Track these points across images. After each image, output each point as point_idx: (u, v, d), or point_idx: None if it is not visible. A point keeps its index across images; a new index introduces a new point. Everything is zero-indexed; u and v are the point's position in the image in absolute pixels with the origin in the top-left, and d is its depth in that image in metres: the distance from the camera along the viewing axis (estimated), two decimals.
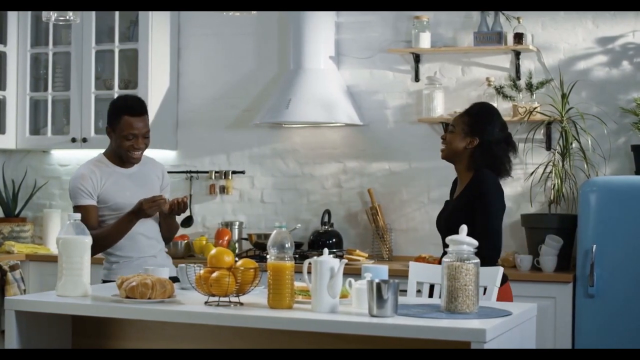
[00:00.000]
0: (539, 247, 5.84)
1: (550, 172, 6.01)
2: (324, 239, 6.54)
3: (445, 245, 4.75)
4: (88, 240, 4.00)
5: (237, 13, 4.48)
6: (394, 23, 6.60)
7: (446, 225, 4.68)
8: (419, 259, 5.81)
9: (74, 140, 6.98)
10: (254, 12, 4.55)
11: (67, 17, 4.52)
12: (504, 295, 4.49)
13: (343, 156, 6.73)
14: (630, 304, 5.42)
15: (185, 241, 6.63)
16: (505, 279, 4.58)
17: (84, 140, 6.94)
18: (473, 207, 4.56)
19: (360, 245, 6.60)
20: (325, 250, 3.76)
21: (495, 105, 6.10)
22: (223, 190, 6.96)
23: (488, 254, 4.34)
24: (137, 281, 3.83)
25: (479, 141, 4.64)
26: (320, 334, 3.63)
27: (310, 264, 3.70)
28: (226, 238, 6.63)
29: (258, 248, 6.54)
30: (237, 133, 6.96)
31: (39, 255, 6.79)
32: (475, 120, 4.69)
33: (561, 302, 5.62)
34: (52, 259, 6.62)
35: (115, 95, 6.90)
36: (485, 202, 4.54)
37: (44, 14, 4.56)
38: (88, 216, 4.87)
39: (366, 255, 6.33)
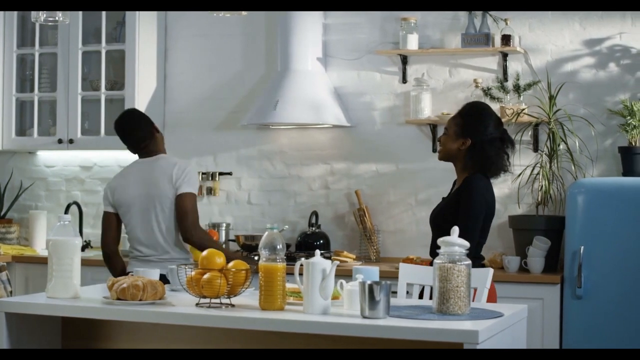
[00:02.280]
0: (527, 248, 5.86)
1: (538, 173, 6.02)
2: (311, 241, 6.53)
3: (435, 242, 4.80)
4: (78, 241, 3.99)
5: (228, 14, 4.48)
6: (381, 24, 6.60)
7: (434, 221, 4.80)
8: (407, 261, 5.80)
9: (60, 141, 6.96)
10: (244, 13, 4.53)
11: (56, 18, 4.50)
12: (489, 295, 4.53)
13: (330, 157, 6.73)
14: (618, 305, 5.44)
15: None
16: None
17: (71, 141, 6.93)
18: (458, 207, 4.65)
19: (347, 247, 6.60)
20: (317, 252, 3.76)
21: None
22: (210, 191, 6.95)
23: None
24: (128, 283, 3.82)
25: (472, 142, 4.70)
26: (313, 336, 3.63)
27: (302, 265, 3.70)
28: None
29: (245, 249, 6.53)
30: (224, 134, 6.94)
31: (25, 257, 6.75)
32: (467, 121, 4.74)
33: (549, 303, 5.63)
34: (38, 260, 6.62)
35: (102, 97, 6.90)
36: (469, 205, 4.62)
37: (33, 14, 4.53)
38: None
39: (354, 256, 6.34)
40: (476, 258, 4.61)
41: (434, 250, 4.65)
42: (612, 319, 5.44)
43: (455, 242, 3.69)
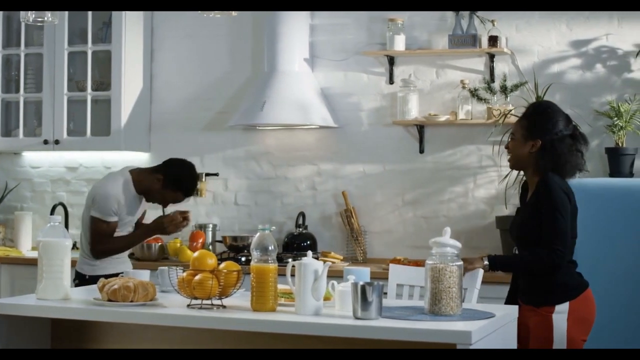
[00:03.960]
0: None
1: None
2: (298, 242, 6.54)
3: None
4: (68, 243, 3.98)
5: (218, 14, 4.47)
6: (368, 25, 6.61)
7: (517, 233, 4.56)
8: (394, 261, 5.80)
9: (46, 142, 6.93)
10: (234, 13, 4.52)
11: (45, 18, 4.48)
12: (584, 308, 4.47)
13: (317, 158, 6.72)
14: (605, 305, 5.42)
15: (159, 244, 6.59)
16: (583, 287, 4.50)
17: (57, 142, 6.90)
18: (541, 212, 4.37)
19: (334, 248, 6.59)
20: (309, 253, 3.76)
21: (469, 108, 6.17)
22: (196, 192, 6.92)
23: (554, 259, 4.32)
24: (119, 284, 3.80)
25: (542, 142, 4.42)
26: (305, 337, 3.62)
27: (294, 266, 3.70)
28: (200, 240, 6.58)
29: (232, 250, 6.52)
30: (211, 135, 6.93)
31: (11, 258, 6.72)
32: (533, 121, 4.45)
33: None
34: (23, 262, 6.60)
35: (88, 98, 6.87)
36: (550, 206, 4.34)
37: (22, 14, 4.51)
38: (111, 231, 5.35)
39: (341, 257, 6.34)
40: (572, 264, 4.48)
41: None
42: (600, 319, 5.43)
43: (447, 243, 3.70)
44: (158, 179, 5.39)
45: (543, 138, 4.40)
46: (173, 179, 5.41)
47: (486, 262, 4.36)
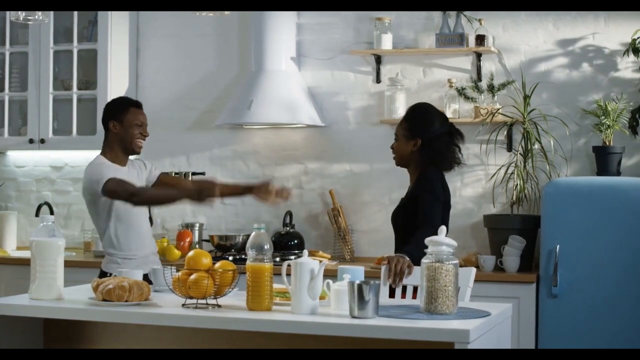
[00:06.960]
0: (502, 247, 5.87)
1: (512, 173, 6.05)
2: (285, 241, 6.52)
3: (397, 241, 5.02)
4: (62, 242, 3.96)
5: (211, 13, 4.46)
6: (355, 24, 6.61)
7: (395, 221, 5.06)
8: (380, 260, 5.78)
9: (31, 141, 6.89)
10: (226, 13, 4.51)
11: (36, 17, 4.47)
12: None
13: (304, 157, 6.72)
14: (594, 304, 5.48)
15: None
16: None
17: (42, 141, 6.87)
18: (417, 200, 4.82)
19: (321, 247, 6.60)
20: (305, 252, 3.76)
21: (456, 107, 6.18)
22: None
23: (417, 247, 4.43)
24: (114, 284, 3.79)
25: (421, 141, 4.93)
26: (301, 336, 3.62)
27: (289, 265, 3.70)
28: (187, 240, 6.58)
29: (220, 250, 6.50)
30: (197, 134, 6.92)
31: None
32: (413, 123, 4.97)
33: (525, 302, 5.65)
34: (9, 262, 6.56)
35: (74, 97, 6.84)
36: (427, 192, 4.81)
37: (12, 13, 4.50)
38: (120, 180, 4.98)
39: (329, 256, 6.33)
40: None
41: (398, 250, 4.74)
42: (588, 318, 5.48)
43: (442, 242, 3.69)
44: (112, 126, 5.20)
45: (422, 137, 4.93)
46: (113, 108, 5.27)
47: (407, 258, 4.52)
